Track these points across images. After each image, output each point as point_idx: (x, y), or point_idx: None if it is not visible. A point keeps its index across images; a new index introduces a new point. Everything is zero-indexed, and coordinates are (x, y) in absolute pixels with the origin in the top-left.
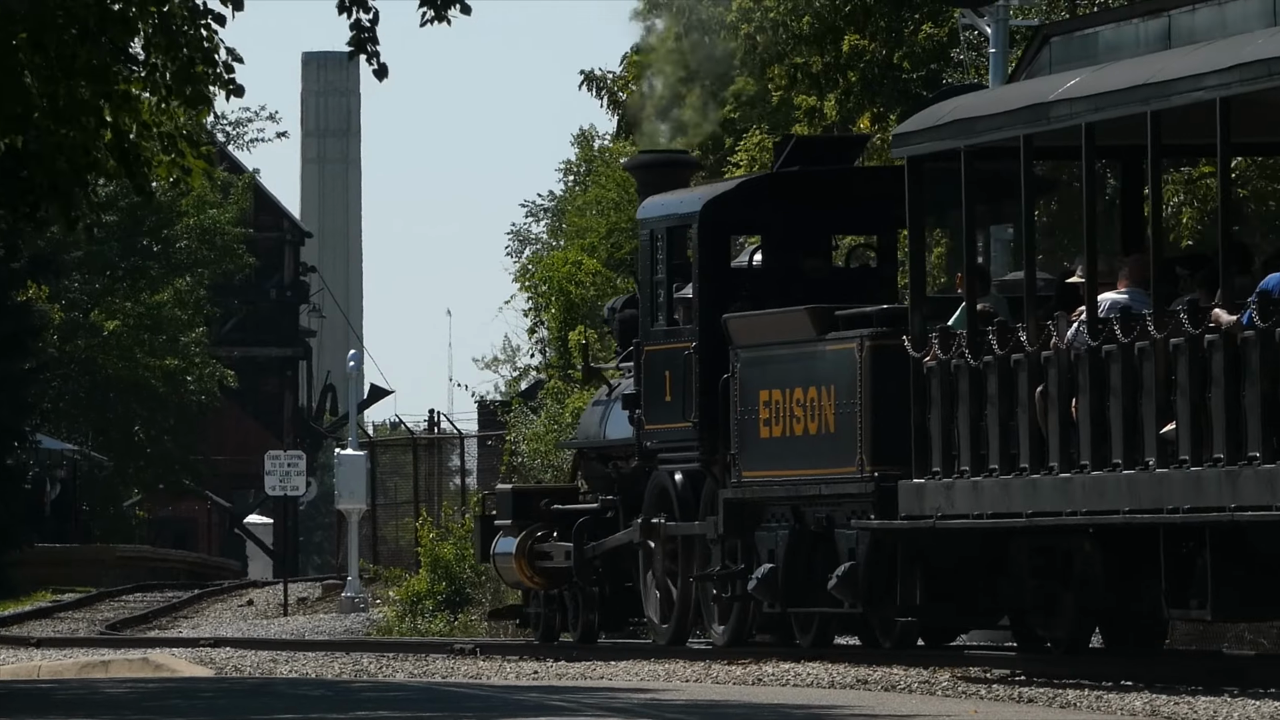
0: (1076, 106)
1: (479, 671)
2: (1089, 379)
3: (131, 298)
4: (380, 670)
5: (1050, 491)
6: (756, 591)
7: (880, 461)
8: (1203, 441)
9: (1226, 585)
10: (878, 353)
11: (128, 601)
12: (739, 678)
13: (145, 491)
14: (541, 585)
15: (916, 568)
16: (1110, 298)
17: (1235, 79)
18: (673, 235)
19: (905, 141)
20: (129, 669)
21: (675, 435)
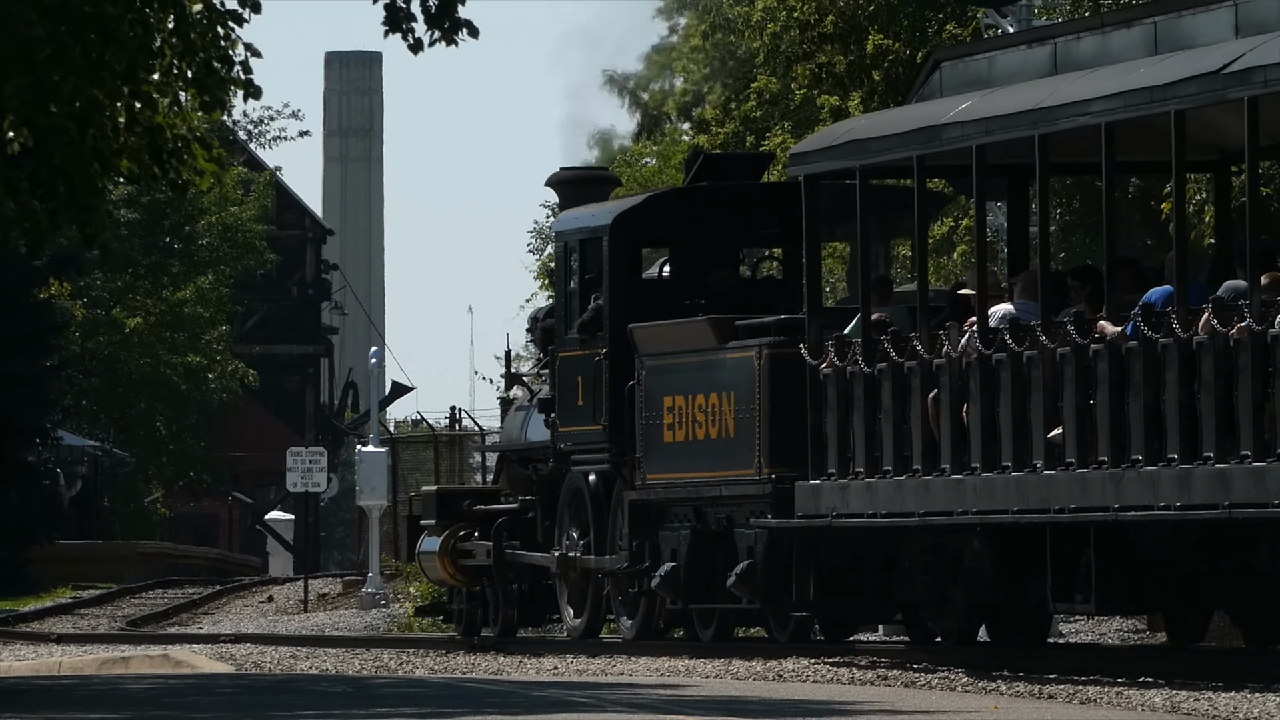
0: (968, 129)
1: (499, 668)
2: (980, 386)
3: (153, 295)
4: (401, 666)
5: (942, 492)
6: (660, 588)
7: (777, 464)
8: (1088, 445)
9: (1110, 581)
10: (775, 361)
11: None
12: (759, 674)
13: (166, 488)
14: (463, 583)
15: (811, 565)
16: (1001, 308)
17: (1120, 105)
18: (585, 247)
19: (802, 161)
20: (149, 665)
21: (587, 438)
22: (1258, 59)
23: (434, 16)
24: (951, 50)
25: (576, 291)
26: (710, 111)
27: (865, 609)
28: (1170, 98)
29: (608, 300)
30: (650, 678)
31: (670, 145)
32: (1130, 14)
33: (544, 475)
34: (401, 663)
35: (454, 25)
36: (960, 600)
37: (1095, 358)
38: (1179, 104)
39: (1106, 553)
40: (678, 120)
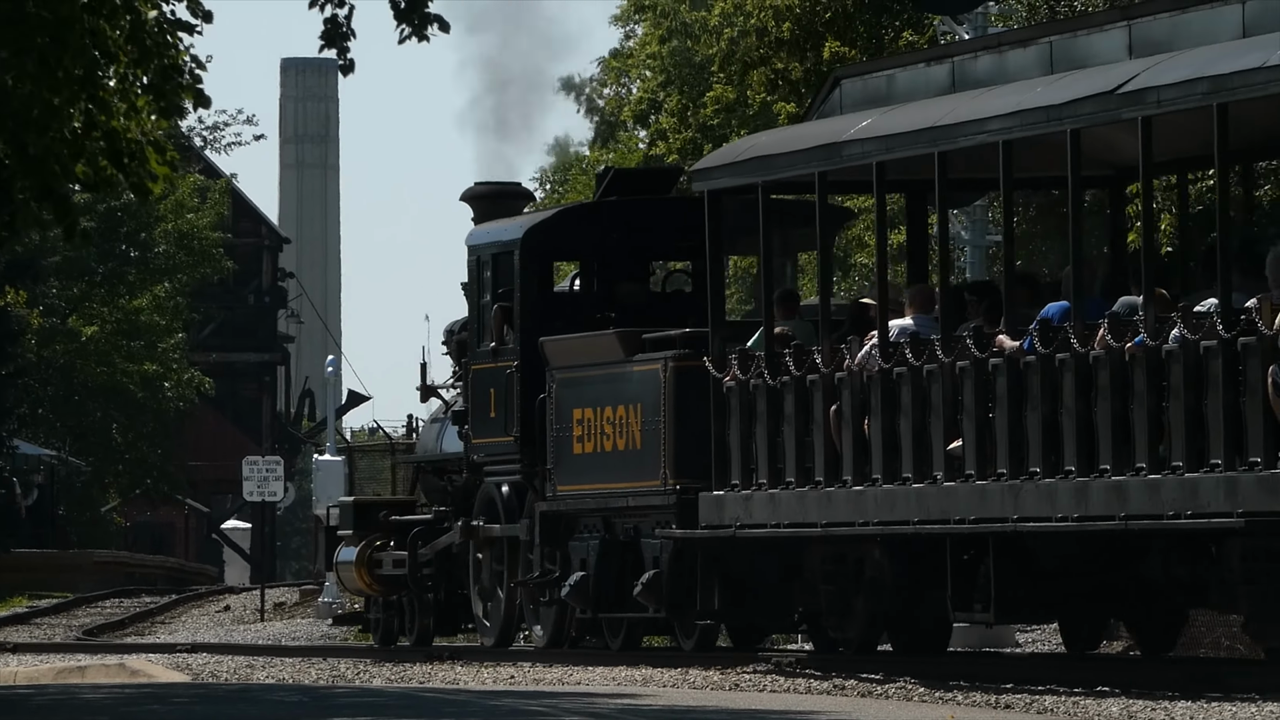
0: (868, 146)
1: (456, 677)
2: (881, 399)
3: (109, 303)
4: (357, 675)
5: (844, 503)
6: (569, 597)
7: (682, 475)
8: (987, 457)
9: (1008, 590)
10: (681, 373)
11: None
12: (716, 683)
13: (123, 497)
14: (380, 592)
15: (715, 574)
16: (899, 324)
17: (1017, 123)
18: (498, 261)
19: (705, 177)
20: (106, 674)
21: (499, 449)
22: (1151, 79)
23: (403, 12)
24: (851, 68)
25: (489, 304)
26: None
27: (769, 618)
28: (1066, 116)
29: (518, 313)
30: (607, 686)
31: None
32: (1027, 33)
33: (459, 486)
34: (359, 672)
35: (424, 20)
36: (862, 609)
37: (994, 372)
38: (1075, 123)
39: (1005, 562)
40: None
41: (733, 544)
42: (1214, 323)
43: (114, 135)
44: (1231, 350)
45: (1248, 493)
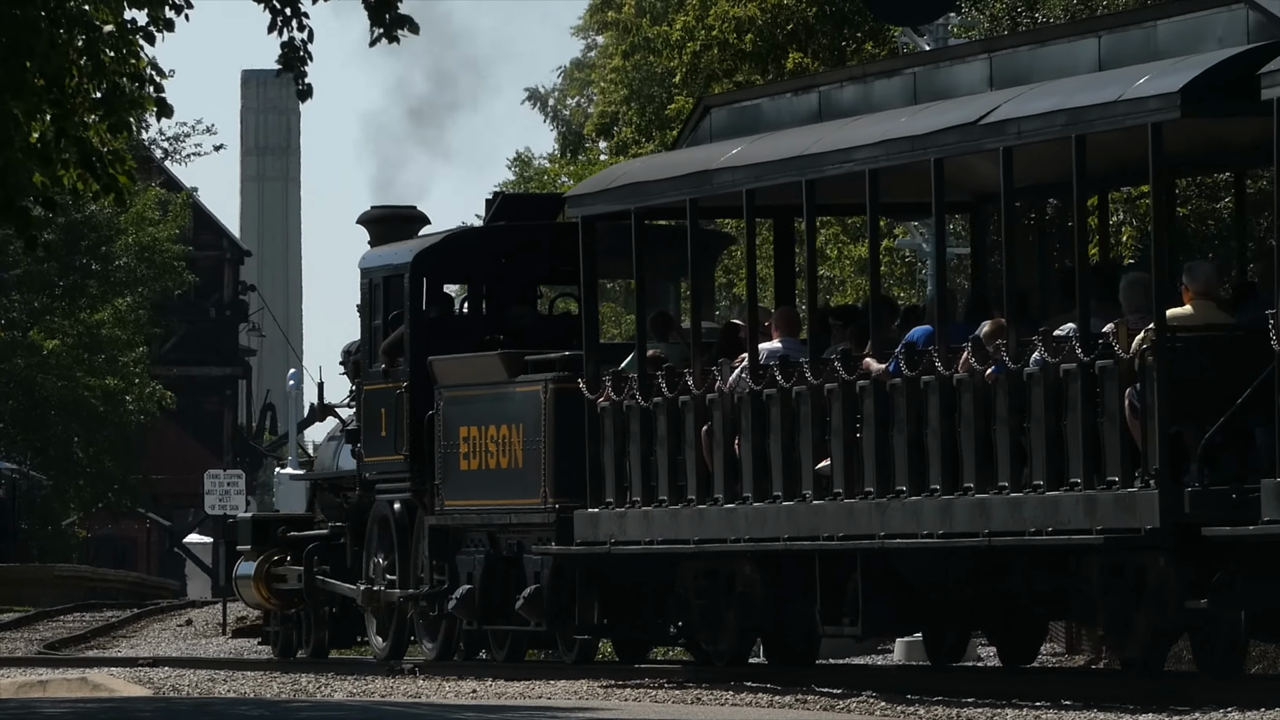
0: (738, 174)
1: (418, 691)
2: (751, 420)
3: (70, 316)
4: (319, 690)
5: (716, 520)
6: (456, 610)
7: (562, 493)
8: (855, 477)
9: (875, 605)
10: (560, 394)
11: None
12: (678, 697)
13: (84, 511)
14: (278, 606)
15: (594, 589)
16: (768, 347)
17: (883, 152)
18: (389, 284)
19: (580, 203)
20: (67, 689)
21: (390, 467)
22: (1012, 111)
23: (375, 12)
24: (720, 97)
25: (381, 326)
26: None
27: (647, 631)
28: (931, 146)
29: (408, 335)
30: (569, 700)
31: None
32: (891, 64)
33: (354, 503)
34: (320, 686)
35: (395, 21)
36: (733, 623)
37: (861, 394)
38: (938, 152)
39: (872, 578)
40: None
41: (609, 560)
42: (1073, 346)
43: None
44: (1090, 373)
45: (1106, 510)
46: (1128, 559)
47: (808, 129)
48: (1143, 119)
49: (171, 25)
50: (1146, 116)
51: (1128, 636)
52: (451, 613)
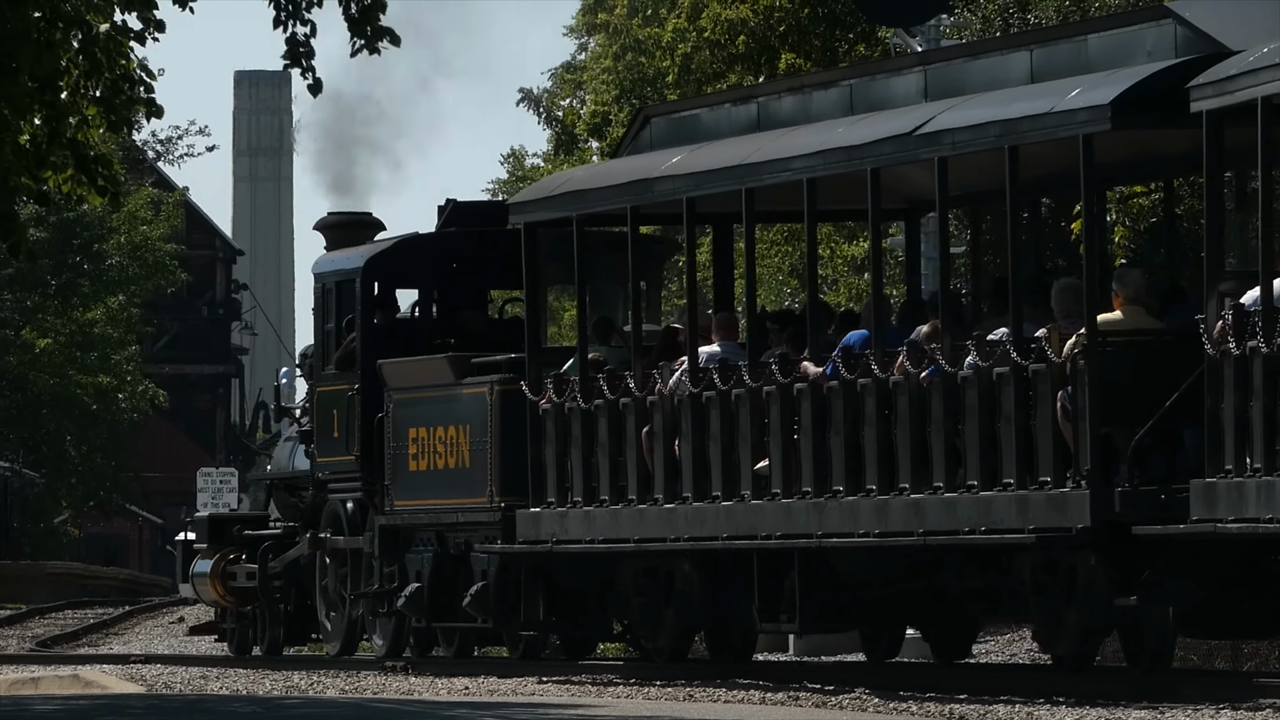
0: (678, 183)
1: (410, 688)
2: (691, 422)
3: (63, 315)
4: (312, 686)
5: (656, 520)
6: (405, 608)
7: (507, 493)
8: (793, 477)
9: (812, 602)
10: (505, 396)
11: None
12: (670, 694)
13: (76, 508)
14: (233, 603)
15: (539, 587)
16: (708, 350)
17: (820, 162)
18: (341, 289)
19: (522, 210)
20: (59, 686)
21: (342, 467)
22: (947, 122)
23: (356, 24)
24: (659, 107)
25: (334, 330)
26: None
27: (591, 628)
28: (867, 156)
29: (360, 339)
30: (561, 698)
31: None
32: (828, 76)
33: (308, 502)
34: (312, 683)
35: (376, 33)
36: (672, 620)
37: (799, 396)
38: (875, 162)
39: (809, 576)
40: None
41: (553, 558)
42: (1006, 350)
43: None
44: (1023, 376)
45: (1038, 510)
46: (1059, 557)
47: (747, 138)
48: (1074, 130)
49: (163, 27)
50: (1078, 128)
51: (1059, 633)
52: (400, 610)
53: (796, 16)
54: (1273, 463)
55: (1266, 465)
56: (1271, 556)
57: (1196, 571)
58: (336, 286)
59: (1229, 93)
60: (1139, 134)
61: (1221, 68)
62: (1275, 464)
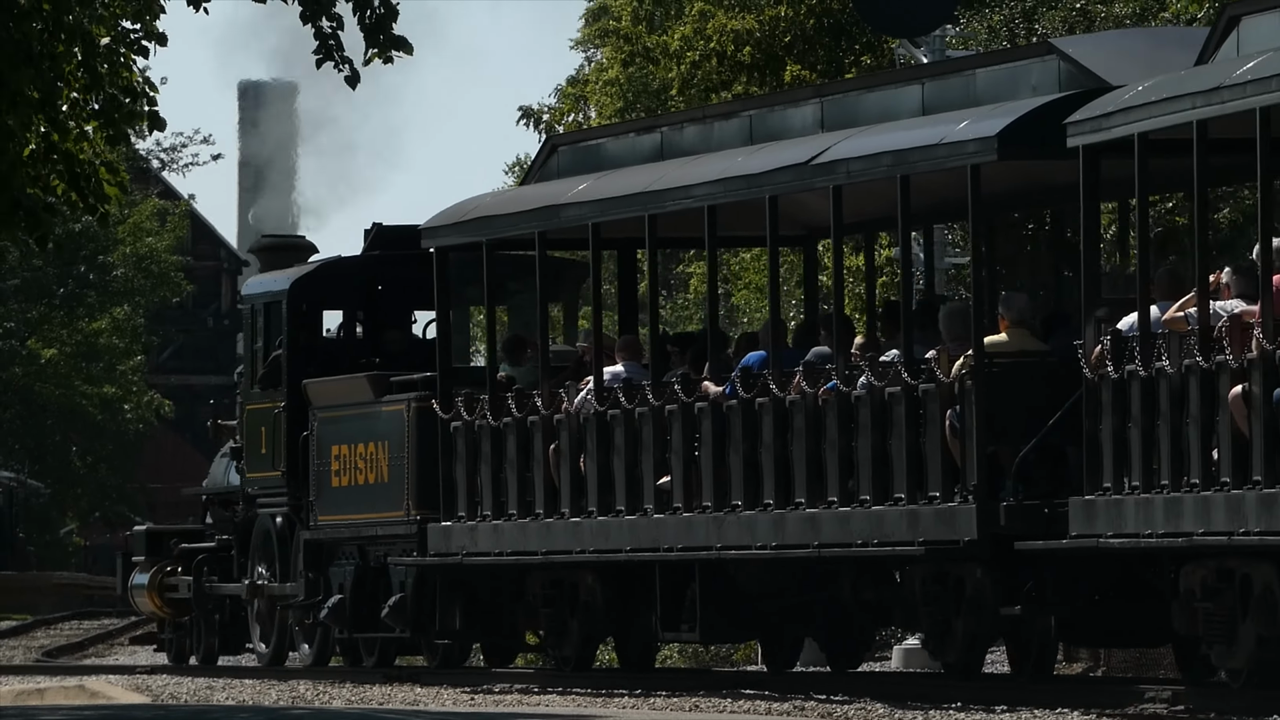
0: (584, 209)
1: (416, 698)
2: (596, 439)
3: (68, 326)
4: (317, 697)
5: (562, 533)
6: (328, 619)
7: (423, 507)
8: (693, 492)
9: (712, 612)
10: (422, 413)
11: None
12: (675, 705)
13: (82, 519)
14: (170, 615)
15: (455, 598)
16: (612, 370)
17: (721, 190)
18: (269, 310)
19: (433, 235)
20: (65, 696)
21: (269, 483)
22: (842, 152)
23: (370, 32)
24: (566, 136)
25: (261, 350)
26: None
27: (505, 637)
28: (766, 184)
29: (286, 358)
30: (566, 708)
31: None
32: (729, 107)
33: (241, 517)
34: (318, 693)
35: (389, 42)
36: (577, 631)
37: (700, 415)
38: (773, 190)
39: (710, 587)
40: None
41: (462, 570)
42: (898, 371)
43: (71, 158)
44: (913, 396)
45: (927, 523)
46: (948, 569)
47: (650, 166)
48: (962, 161)
49: (164, 40)
50: (966, 159)
51: (947, 641)
52: (324, 621)
53: (802, 27)
54: (1151, 481)
55: (1145, 483)
56: (1148, 569)
57: (1077, 583)
58: (264, 308)
59: (1106, 129)
60: (1027, 164)
61: (1097, 104)
62: (1153, 482)
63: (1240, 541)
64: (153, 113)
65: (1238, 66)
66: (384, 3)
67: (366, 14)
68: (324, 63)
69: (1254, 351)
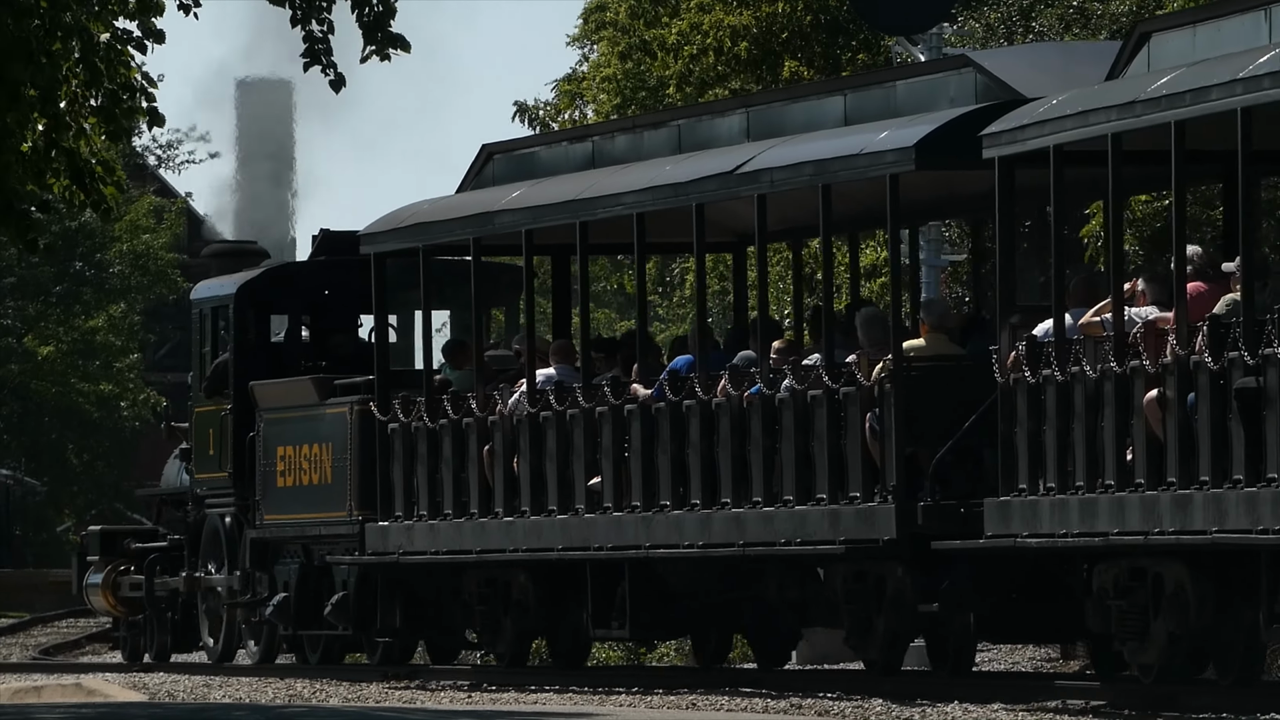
0: (518, 216)
1: (413, 697)
2: (529, 441)
3: (65, 323)
4: (314, 695)
5: (496, 533)
6: (273, 617)
7: (365, 507)
8: (623, 492)
9: (642, 610)
10: (364, 415)
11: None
12: (673, 703)
13: (78, 516)
14: (124, 613)
15: (395, 596)
16: (545, 373)
17: (649, 198)
18: (216, 314)
19: (371, 241)
20: (62, 694)
21: (217, 484)
22: (766, 162)
23: (368, 30)
24: (500, 144)
25: (209, 354)
26: None
27: (445, 635)
28: (692, 193)
29: (233, 361)
30: (564, 706)
31: None
32: (659, 116)
33: (192, 517)
34: (315, 692)
35: (387, 40)
36: (510, 628)
37: (629, 417)
38: (700, 198)
39: (639, 585)
40: None
41: (400, 569)
42: (820, 374)
43: (72, 155)
44: (835, 399)
45: (848, 523)
46: (869, 567)
47: (582, 175)
48: (882, 170)
49: (162, 38)
50: (885, 169)
51: (868, 638)
52: (269, 619)
53: (799, 23)
54: (1066, 482)
55: (1060, 485)
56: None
57: (994, 581)
58: (212, 312)
59: (1021, 141)
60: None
61: (1013, 117)
62: (1069, 483)
63: (1156, 541)
64: (152, 109)
65: (1151, 82)
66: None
67: (364, 11)
68: (311, 66)
69: (1169, 357)
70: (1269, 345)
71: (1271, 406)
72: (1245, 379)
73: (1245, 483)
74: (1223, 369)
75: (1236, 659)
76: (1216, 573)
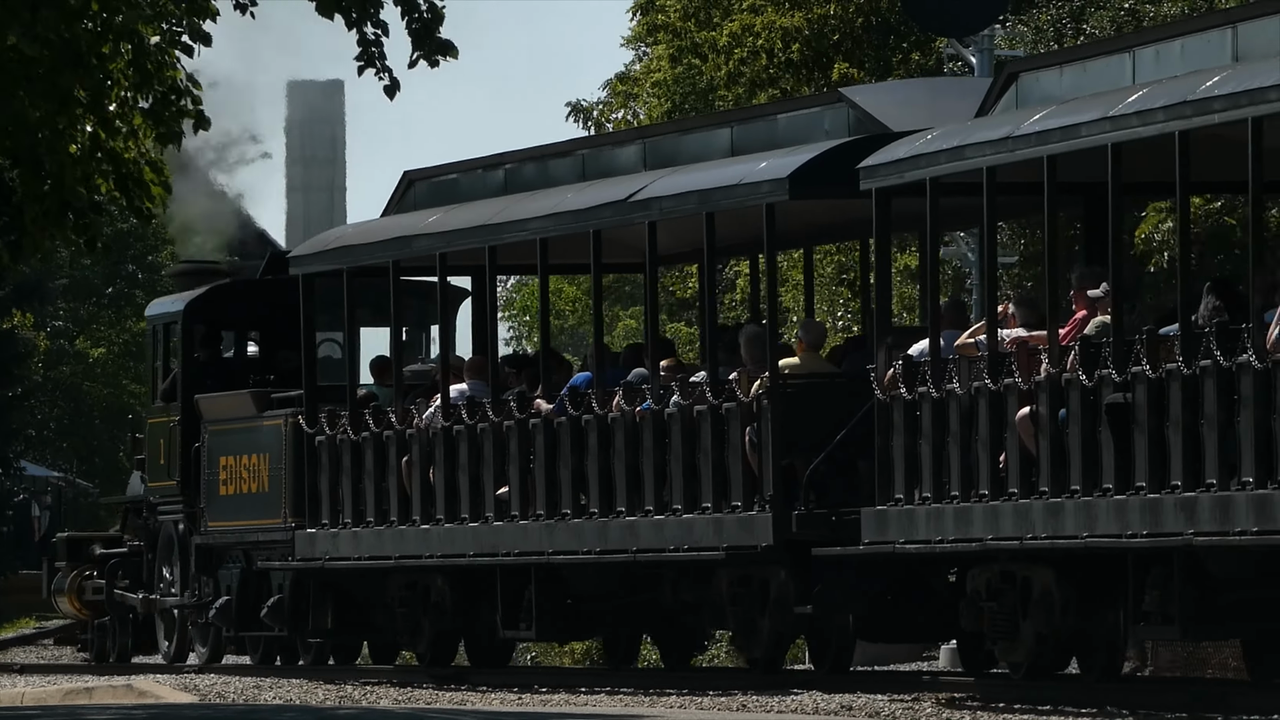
0: (433, 240)
1: (464, 699)
2: (443, 452)
3: (116, 325)
4: (365, 697)
5: (414, 539)
6: (215, 619)
7: (298, 514)
8: (529, 501)
9: (548, 613)
10: (297, 428)
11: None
12: (723, 704)
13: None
14: (89, 616)
15: (327, 599)
16: (457, 388)
17: (553, 224)
18: (168, 330)
19: (300, 263)
20: (113, 695)
21: (167, 491)
22: (656, 190)
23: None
24: (421, 171)
25: (161, 367)
26: None
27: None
28: (591, 219)
29: (180, 375)
30: (615, 708)
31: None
32: (565, 146)
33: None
34: (365, 693)
35: (435, 47)
36: (428, 629)
37: (534, 430)
38: (598, 224)
39: (545, 589)
40: None
41: (326, 574)
42: (704, 390)
43: (118, 158)
44: (718, 414)
45: (730, 530)
46: (754, 572)
47: (494, 201)
48: (759, 200)
49: (209, 40)
50: (762, 198)
51: (753, 639)
52: (212, 621)
53: (851, 26)
54: (941, 492)
55: (935, 494)
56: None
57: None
58: (164, 328)
59: (899, 173)
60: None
61: (888, 151)
62: (944, 493)
63: (1031, 545)
64: (198, 111)
65: (1023, 118)
66: (430, 6)
67: (413, 17)
68: (365, 69)
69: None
70: (1137, 363)
71: (1139, 420)
72: (1115, 394)
73: (1115, 490)
74: (1094, 385)
75: (1099, 657)
76: (1082, 577)
